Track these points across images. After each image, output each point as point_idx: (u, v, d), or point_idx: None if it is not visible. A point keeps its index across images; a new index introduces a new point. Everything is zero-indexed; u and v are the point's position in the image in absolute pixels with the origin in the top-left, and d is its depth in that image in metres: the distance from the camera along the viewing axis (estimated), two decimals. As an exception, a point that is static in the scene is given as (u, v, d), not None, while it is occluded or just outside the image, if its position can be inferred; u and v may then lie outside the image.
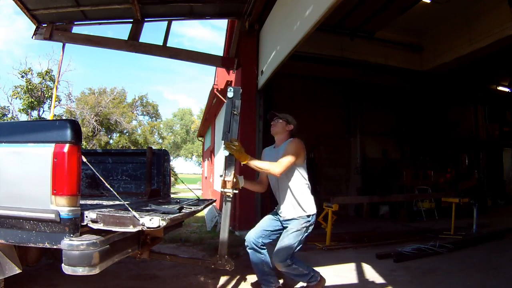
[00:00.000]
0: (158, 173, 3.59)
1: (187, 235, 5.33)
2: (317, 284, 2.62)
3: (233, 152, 2.36)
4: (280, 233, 2.61)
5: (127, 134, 23.51)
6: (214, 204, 6.06)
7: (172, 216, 1.90)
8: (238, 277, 3.19)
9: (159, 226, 1.69)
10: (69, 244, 1.66)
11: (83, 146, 2.08)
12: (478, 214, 5.36)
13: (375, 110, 8.63)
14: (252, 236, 2.62)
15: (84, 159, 1.82)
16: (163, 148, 14.79)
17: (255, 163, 2.40)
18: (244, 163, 2.38)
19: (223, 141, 2.42)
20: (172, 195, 4.30)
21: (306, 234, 2.54)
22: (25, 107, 17.89)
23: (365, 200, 7.02)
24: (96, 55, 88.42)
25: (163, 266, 3.45)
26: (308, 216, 2.54)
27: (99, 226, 1.75)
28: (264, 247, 2.61)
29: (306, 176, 2.63)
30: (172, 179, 6.03)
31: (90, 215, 1.77)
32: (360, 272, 3.38)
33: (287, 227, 2.57)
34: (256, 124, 5.78)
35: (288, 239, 2.47)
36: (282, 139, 2.70)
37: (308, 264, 2.67)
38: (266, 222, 2.70)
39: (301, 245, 2.53)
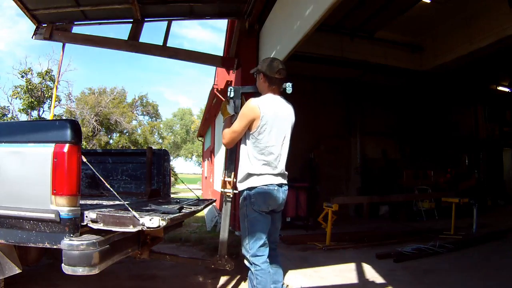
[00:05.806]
0: (158, 173, 3.59)
1: (187, 235, 5.33)
2: None
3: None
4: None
5: (127, 134, 23.51)
6: (214, 204, 6.06)
7: (172, 216, 1.90)
8: (238, 277, 3.18)
9: (159, 226, 1.70)
10: (69, 244, 1.66)
11: (83, 146, 2.08)
12: (478, 214, 5.37)
13: (375, 110, 8.63)
14: None
15: (84, 159, 1.82)
16: (163, 148, 14.78)
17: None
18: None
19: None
20: (172, 195, 4.30)
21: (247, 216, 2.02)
22: (25, 107, 17.90)
23: (365, 200, 7.02)
24: (96, 55, 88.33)
25: (163, 266, 3.45)
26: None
27: (99, 226, 1.76)
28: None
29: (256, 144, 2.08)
30: (172, 179, 6.03)
31: (90, 215, 1.78)
32: (360, 272, 3.38)
33: None
34: (256, 124, 5.77)
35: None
36: None
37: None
38: None
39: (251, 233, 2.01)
